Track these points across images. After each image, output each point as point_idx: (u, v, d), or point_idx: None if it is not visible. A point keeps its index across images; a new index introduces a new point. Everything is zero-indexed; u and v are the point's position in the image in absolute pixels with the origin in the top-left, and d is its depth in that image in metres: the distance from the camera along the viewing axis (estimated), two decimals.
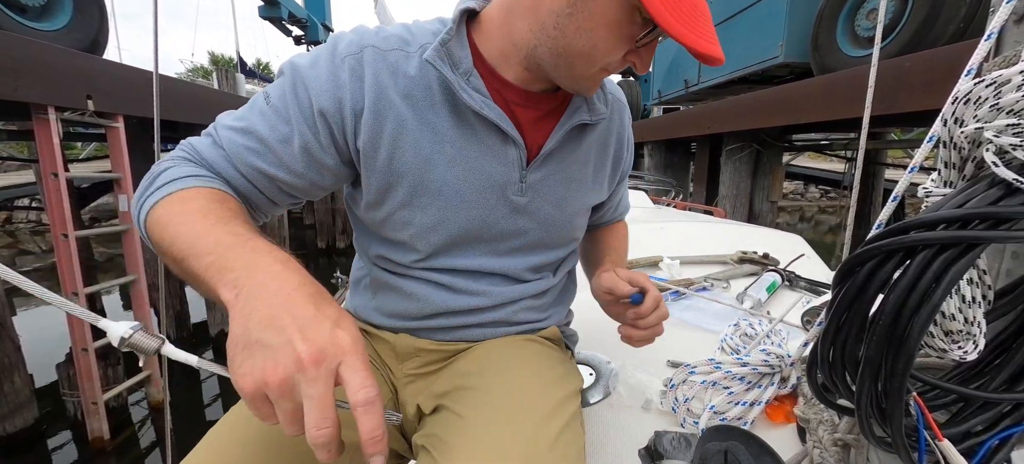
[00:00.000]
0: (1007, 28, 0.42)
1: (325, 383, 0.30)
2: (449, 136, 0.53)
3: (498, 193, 0.56)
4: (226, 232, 0.38)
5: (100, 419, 2.84)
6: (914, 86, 2.02)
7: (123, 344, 0.33)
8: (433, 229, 0.56)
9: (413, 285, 0.60)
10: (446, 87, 0.52)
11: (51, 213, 2.55)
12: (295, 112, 0.49)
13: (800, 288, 1.18)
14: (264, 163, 0.49)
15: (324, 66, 0.49)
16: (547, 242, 0.63)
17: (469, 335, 0.63)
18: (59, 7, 2.86)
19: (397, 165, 0.52)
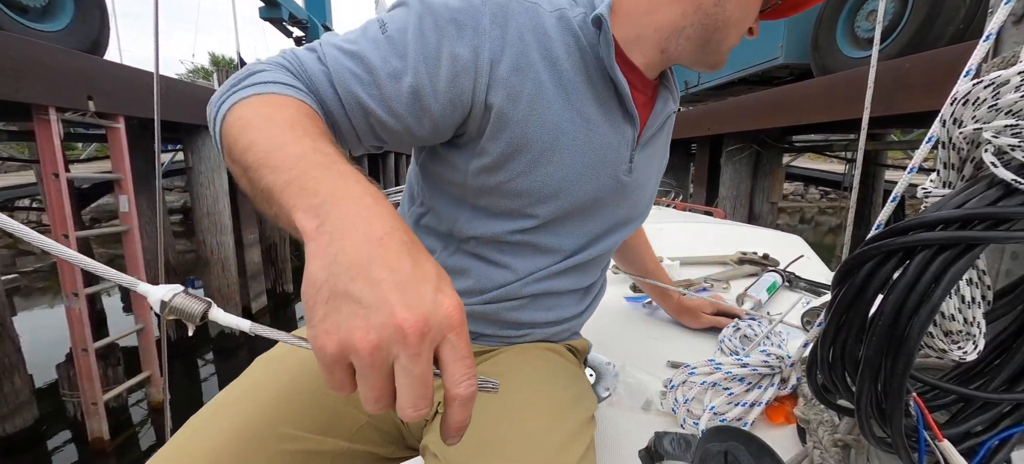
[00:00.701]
0: (1006, 29, 0.42)
1: (428, 360, 0.25)
2: (582, 106, 0.51)
3: (611, 169, 0.56)
4: (313, 149, 0.32)
5: (100, 419, 2.85)
6: (913, 87, 2.03)
7: (164, 309, 0.29)
8: (552, 197, 0.53)
9: (495, 254, 0.57)
10: (586, 55, 0.50)
11: (52, 214, 2.56)
12: (415, 50, 0.43)
13: (800, 289, 1.18)
14: (365, 94, 0.43)
15: (461, 7, 0.44)
16: (628, 220, 0.64)
17: (509, 315, 0.61)
18: (60, 8, 2.87)
19: (530, 129, 0.49)
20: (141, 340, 3.17)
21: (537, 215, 0.55)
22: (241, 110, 0.37)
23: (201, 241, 4.28)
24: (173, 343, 4.19)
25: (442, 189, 0.57)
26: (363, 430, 0.56)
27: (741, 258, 1.38)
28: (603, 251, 0.63)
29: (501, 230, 0.55)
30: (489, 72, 0.46)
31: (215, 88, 6.07)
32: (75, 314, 2.67)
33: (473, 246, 0.57)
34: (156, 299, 0.29)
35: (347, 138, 0.47)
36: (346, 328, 0.24)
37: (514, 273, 0.58)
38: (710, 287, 1.21)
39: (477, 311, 0.59)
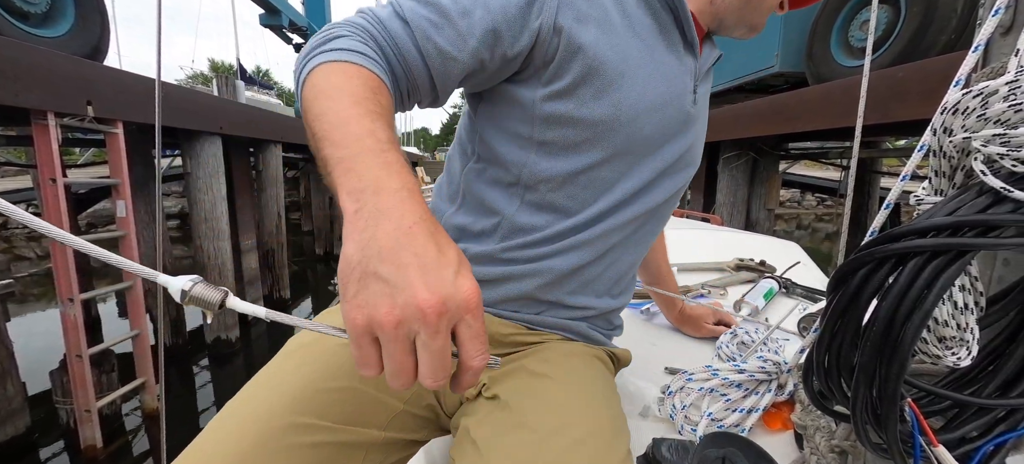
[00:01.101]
0: (994, 40, 0.43)
1: (446, 336, 0.28)
2: (645, 35, 0.53)
3: (678, 98, 0.57)
4: (368, 132, 0.35)
5: (93, 427, 2.81)
6: (907, 95, 2.05)
7: (185, 298, 0.31)
8: (623, 125, 0.52)
9: (565, 200, 0.55)
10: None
11: (48, 219, 2.55)
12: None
13: (796, 295, 1.18)
14: (442, 39, 0.45)
15: None
16: (689, 163, 0.64)
17: (554, 313, 0.61)
18: (61, 14, 2.88)
19: (599, 52, 0.49)
20: (136, 346, 3.14)
21: (607, 145, 0.53)
22: (317, 76, 0.39)
23: (198, 247, 4.27)
24: (168, 350, 4.16)
25: (506, 135, 0.55)
26: (398, 418, 0.54)
27: (738, 264, 1.39)
28: (666, 197, 0.61)
29: (571, 167, 0.54)
30: (556, 4, 0.47)
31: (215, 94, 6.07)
32: (70, 320, 2.65)
33: (543, 192, 0.55)
34: (177, 289, 0.31)
35: (423, 91, 0.48)
36: (373, 304, 0.27)
37: (584, 218, 0.56)
38: (707, 294, 1.22)
39: (544, 267, 0.57)
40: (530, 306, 0.60)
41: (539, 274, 0.57)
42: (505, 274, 0.58)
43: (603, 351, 0.65)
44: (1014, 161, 0.32)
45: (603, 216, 0.57)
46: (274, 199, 5.91)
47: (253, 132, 5.23)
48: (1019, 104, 0.32)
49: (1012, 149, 0.32)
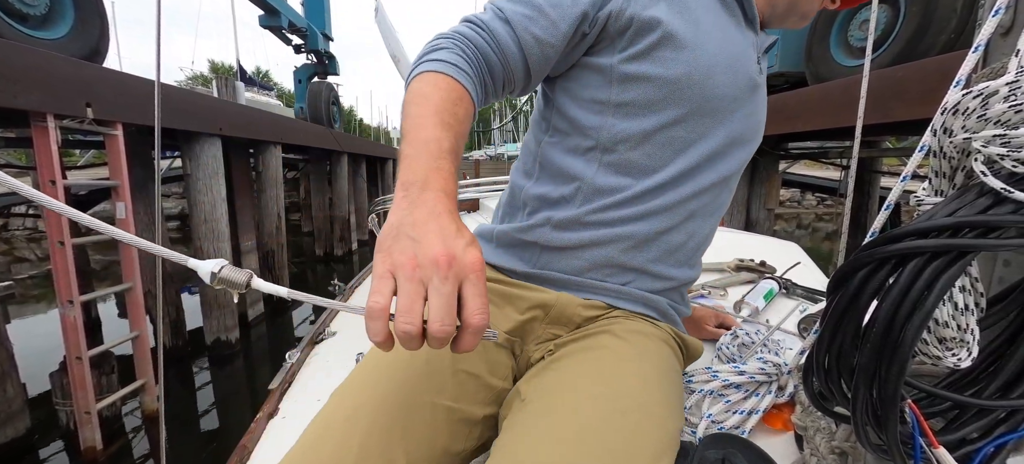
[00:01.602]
0: (994, 40, 0.43)
1: (453, 285, 0.33)
2: (713, 8, 0.58)
3: (746, 66, 0.60)
4: (434, 139, 0.42)
5: (93, 428, 2.81)
6: (907, 95, 2.05)
7: (214, 280, 0.34)
8: (697, 84, 0.56)
9: (643, 159, 0.58)
10: None
11: (48, 220, 2.55)
12: None
13: (797, 296, 1.18)
14: (538, 29, 0.52)
15: None
16: (754, 135, 0.66)
17: (638, 285, 0.62)
18: (60, 16, 2.88)
19: (673, 19, 0.54)
20: (136, 348, 3.14)
21: (683, 103, 0.56)
22: (416, 83, 0.47)
23: (198, 248, 4.27)
24: (168, 351, 4.16)
25: (584, 103, 0.59)
26: (496, 394, 0.58)
27: (738, 265, 1.38)
28: (737, 166, 0.65)
29: (648, 125, 0.57)
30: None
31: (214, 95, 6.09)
32: (70, 322, 2.65)
33: (621, 152, 0.58)
34: (206, 271, 0.34)
35: (517, 79, 0.55)
36: (399, 252, 0.34)
37: (663, 178, 0.59)
38: (708, 294, 1.22)
39: (627, 232, 0.59)
40: (616, 274, 0.61)
41: (622, 239, 0.59)
42: (589, 239, 0.60)
43: (674, 337, 0.64)
44: (1014, 162, 0.32)
45: (681, 178, 0.59)
46: (274, 200, 5.91)
47: (253, 133, 5.23)
48: (1019, 105, 0.32)
49: (1012, 150, 0.32)
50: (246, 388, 4.19)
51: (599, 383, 0.51)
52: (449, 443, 0.52)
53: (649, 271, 0.62)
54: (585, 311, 0.61)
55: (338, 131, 9.71)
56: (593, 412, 0.48)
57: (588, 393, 0.50)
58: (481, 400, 0.56)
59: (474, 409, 0.55)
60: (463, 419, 0.54)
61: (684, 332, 0.68)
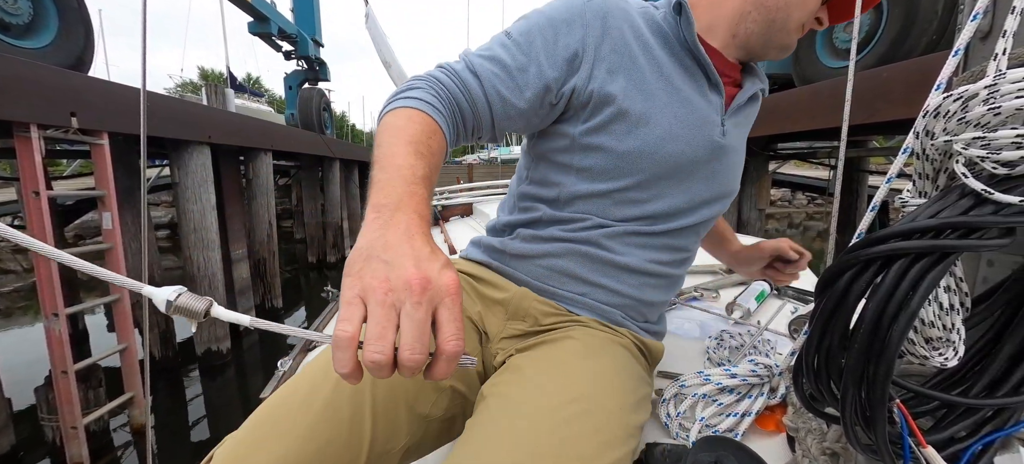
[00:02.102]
0: (973, 44, 0.44)
1: (427, 310, 0.32)
2: (672, 78, 0.61)
3: (705, 130, 0.63)
4: (408, 165, 0.43)
5: (80, 444, 2.75)
6: (892, 95, 2.08)
7: (170, 309, 0.32)
8: (651, 154, 0.61)
9: (594, 209, 0.64)
10: (671, 40, 0.63)
11: (32, 232, 2.50)
12: (536, 46, 0.57)
13: (788, 297, 1.19)
14: (503, 87, 0.57)
15: (568, 9, 0.58)
16: (722, 194, 0.69)
17: (592, 296, 0.65)
18: (43, 24, 2.84)
19: (628, 97, 0.59)
20: (124, 360, 3.08)
21: (635, 172, 0.61)
22: (389, 117, 0.49)
23: (188, 257, 4.21)
24: (157, 363, 4.09)
25: (552, 163, 0.66)
26: (448, 392, 0.61)
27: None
28: (701, 220, 0.68)
29: (603, 188, 0.62)
30: (594, 53, 0.58)
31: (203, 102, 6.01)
32: (55, 335, 2.60)
33: (578, 206, 0.64)
34: (161, 299, 0.32)
35: (485, 128, 0.59)
36: (370, 275, 0.33)
37: (611, 218, 0.64)
38: (700, 296, 1.22)
39: (581, 250, 0.64)
40: (571, 284, 0.66)
41: (577, 254, 0.64)
42: (547, 250, 0.66)
43: (633, 341, 0.67)
44: (994, 164, 0.32)
45: (638, 223, 0.64)
46: (265, 207, 5.85)
47: (243, 140, 5.18)
48: (998, 107, 0.32)
49: (992, 152, 0.32)
50: (237, 398, 4.12)
51: (552, 380, 0.54)
52: (413, 401, 0.56)
53: (604, 285, 0.65)
54: (542, 307, 0.65)
55: (330, 137, 9.65)
56: (546, 406, 0.50)
57: (542, 390, 0.53)
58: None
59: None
60: (428, 382, 0.56)
61: (645, 336, 0.70)
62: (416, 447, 0.57)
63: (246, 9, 8.04)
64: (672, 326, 1.03)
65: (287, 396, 0.54)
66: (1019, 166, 0.31)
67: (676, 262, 0.69)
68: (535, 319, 0.65)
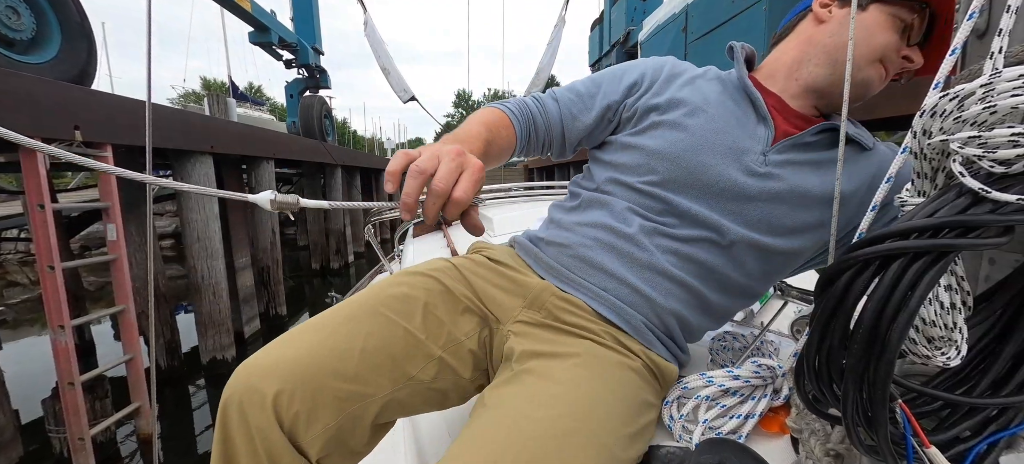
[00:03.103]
0: (970, 43, 0.44)
1: (457, 163, 0.48)
2: (719, 103, 0.69)
3: (737, 155, 0.66)
4: (476, 133, 0.64)
5: (87, 455, 2.76)
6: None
7: (274, 205, 0.43)
8: (677, 156, 0.66)
9: (624, 195, 0.70)
10: (726, 83, 0.72)
11: (37, 245, 2.52)
12: (606, 79, 0.76)
13: (791, 298, 1.18)
14: (575, 108, 0.76)
15: (638, 61, 0.78)
16: (761, 223, 0.65)
17: (616, 293, 0.65)
18: (47, 40, 2.87)
19: (670, 105, 0.70)
20: (130, 370, 3.10)
21: (663, 172, 0.67)
22: (478, 112, 0.73)
23: (192, 267, 4.23)
24: (163, 372, 4.11)
25: (597, 159, 0.78)
26: (453, 342, 0.64)
27: None
28: (737, 243, 0.64)
29: (634, 181, 0.69)
30: (651, 82, 0.74)
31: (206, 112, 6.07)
32: (61, 347, 2.62)
33: (613, 191, 0.71)
34: (265, 200, 0.43)
35: (556, 143, 0.78)
36: (427, 151, 0.49)
37: (642, 209, 0.68)
38: None
39: (602, 237, 0.68)
40: (597, 276, 0.66)
41: (607, 245, 0.67)
42: (581, 239, 0.69)
43: (644, 361, 0.63)
44: (991, 162, 0.32)
45: (655, 214, 0.69)
46: (268, 215, 5.88)
47: (245, 149, 5.22)
48: (994, 106, 0.32)
49: (989, 150, 0.32)
50: None
51: (550, 402, 0.52)
52: (402, 359, 0.60)
53: (630, 284, 0.64)
54: (562, 303, 0.65)
55: (331, 144, 9.70)
56: (534, 429, 0.49)
57: (537, 408, 0.51)
58: (441, 343, 0.63)
59: (432, 346, 0.62)
60: (420, 347, 0.61)
61: (662, 356, 0.65)
62: (401, 404, 0.60)
63: (247, 20, 8.10)
64: None
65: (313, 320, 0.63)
66: (1016, 164, 0.31)
67: (711, 282, 0.66)
68: (552, 314, 0.64)
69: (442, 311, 0.65)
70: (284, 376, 0.53)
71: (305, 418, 0.53)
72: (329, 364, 0.55)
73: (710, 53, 4.43)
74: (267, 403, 0.52)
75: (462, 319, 0.66)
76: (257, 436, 0.51)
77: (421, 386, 0.61)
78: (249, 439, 0.51)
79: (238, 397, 0.53)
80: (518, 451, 0.46)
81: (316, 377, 0.54)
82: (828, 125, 0.66)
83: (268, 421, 0.51)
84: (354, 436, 0.57)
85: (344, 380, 0.55)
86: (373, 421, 0.58)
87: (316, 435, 0.53)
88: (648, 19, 5.88)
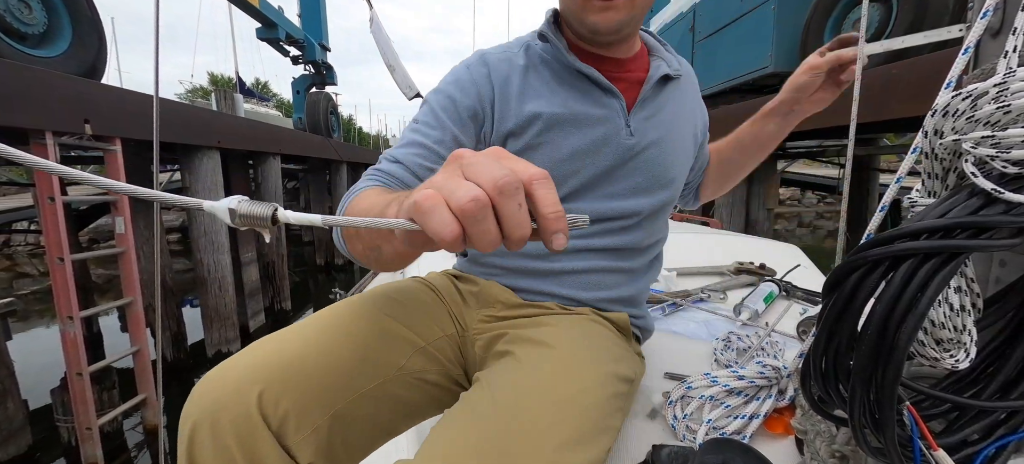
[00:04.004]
0: (983, 41, 0.43)
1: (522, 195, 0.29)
2: (565, 101, 0.66)
3: (612, 138, 0.66)
4: (403, 193, 0.44)
5: (94, 445, 2.79)
6: (902, 92, 2.05)
7: (235, 218, 0.29)
8: (568, 176, 0.66)
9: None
10: (551, 63, 0.67)
11: (47, 237, 2.55)
12: (442, 118, 0.64)
13: (797, 298, 1.18)
14: (427, 162, 0.62)
15: (456, 75, 0.67)
16: (653, 183, 0.70)
17: (548, 287, 0.70)
18: (58, 33, 2.89)
19: (528, 130, 0.65)
20: (137, 362, 3.13)
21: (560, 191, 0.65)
22: (350, 207, 0.54)
23: (199, 260, 4.27)
24: (169, 365, 4.15)
25: None
26: (439, 341, 0.66)
27: (738, 268, 1.38)
28: (637, 212, 0.70)
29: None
30: (491, 103, 0.66)
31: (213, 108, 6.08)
32: (70, 338, 2.65)
33: None
34: (223, 209, 0.29)
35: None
36: (476, 176, 0.28)
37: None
38: (707, 298, 1.21)
39: (525, 266, 0.70)
40: (527, 280, 0.71)
41: (525, 269, 0.71)
42: (492, 273, 0.74)
43: (591, 317, 0.70)
44: (1004, 163, 0.32)
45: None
46: None
47: (251, 144, 5.24)
48: (1008, 106, 0.32)
49: (1002, 151, 0.32)
50: None
51: (536, 362, 0.55)
52: (388, 349, 0.59)
53: (549, 292, 0.70)
54: (507, 296, 0.71)
55: (337, 140, 9.73)
56: (532, 387, 0.51)
57: (526, 371, 0.54)
58: (426, 336, 0.64)
59: (417, 338, 0.63)
60: (405, 338, 0.62)
61: (610, 309, 0.73)
62: (394, 399, 0.59)
63: (254, 16, 8.13)
64: (678, 327, 1.03)
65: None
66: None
67: (625, 255, 0.72)
68: (503, 303, 0.70)
69: (427, 308, 0.67)
70: (267, 376, 0.49)
71: (295, 419, 0.48)
72: (314, 358, 0.52)
73: (717, 52, 4.39)
74: (251, 407, 0.46)
75: (445, 320, 0.69)
76: (238, 450, 0.44)
77: (410, 377, 0.60)
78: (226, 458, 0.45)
79: (210, 413, 0.45)
80: (504, 419, 0.46)
81: (302, 371, 0.51)
82: (661, 71, 0.70)
83: (251, 427, 0.45)
84: (348, 438, 0.53)
85: (331, 374, 0.53)
86: (366, 420, 0.56)
87: (306, 437, 0.49)
88: (655, 18, 5.85)
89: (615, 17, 0.61)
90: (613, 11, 0.60)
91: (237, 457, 0.44)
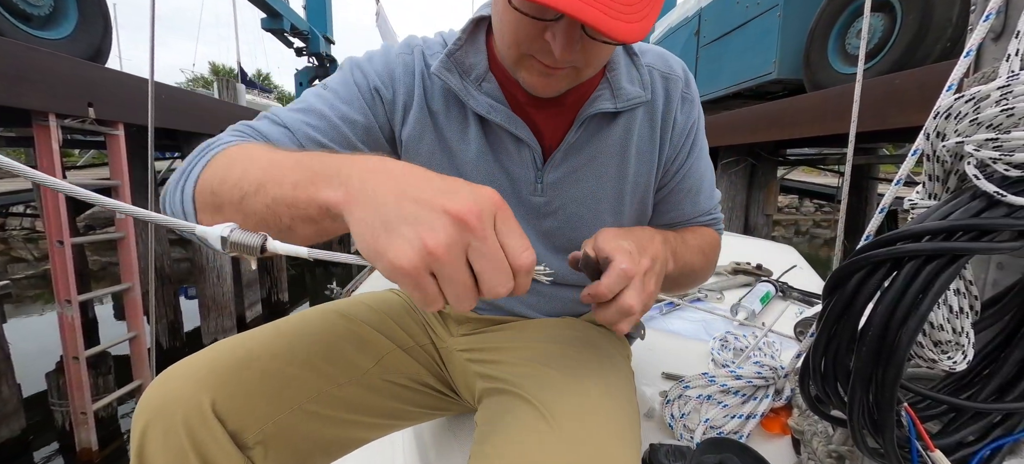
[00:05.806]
0: (985, 45, 0.44)
1: (494, 237, 0.28)
2: (466, 140, 0.55)
3: (518, 189, 0.57)
4: (307, 155, 0.36)
5: (89, 429, 2.79)
6: (904, 102, 2.06)
7: (226, 246, 0.31)
8: None
9: None
10: (455, 96, 0.54)
11: (47, 220, 2.54)
12: (353, 92, 0.52)
13: (793, 299, 1.18)
14: (322, 136, 0.50)
15: (380, 58, 0.55)
16: (572, 245, 0.59)
17: (519, 309, 0.66)
18: (63, 16, 2.88)
19: (431, 164, 0.55)
20: (133, 348, 3.12)
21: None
22: (214, 165, 0.40)
23: (196, 249, 4.26)
24: (165, 352, 4.14)
25: None
26: (415, 349, 0.64)
27: (735, 268, 1.39)
28: (556, 265, 0.57)
29: None
30: (403, 112, 0.55)
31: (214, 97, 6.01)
32: (67, 321, 2.64)
33: None
34: (216, 236, 0.31)
35: None
36: (415, 239, 0.26)
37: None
38: (704, 297, 1.22)
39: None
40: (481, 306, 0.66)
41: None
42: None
43: (576, 318, 0.66)
44: (1006, 165, 0.32)
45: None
46: None
47: None
48: (1011, 109, 0.32)
49: (1005, 153, 0.32)
50: None
51: (563, 399, 0.48)
52: (353, 351, 0.57)
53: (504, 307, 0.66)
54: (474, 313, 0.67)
55: None
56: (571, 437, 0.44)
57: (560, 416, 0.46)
58: (394, 338, 0.62)
59: (384, 341, 0.61)
60: (372, 340, 0.60)
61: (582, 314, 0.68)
62: (359, 404, 0.56)
63: (260, 5, 8.12)
64: (676, 327, 1.03)
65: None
66: None
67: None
68: (475, 322, 0.66)
69: (399, 317, 0.65)
70: (225, 376, 0.46)
71: (252, 418, 0.46)
72: (274, 359, 0.50)
73: (722, 58, 4.40)
74: (204, 406, 0.43)
75: (417, 330, 0.67)
76: (191, 450, 0.42)
77: (378, 379, 0.58)
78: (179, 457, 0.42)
79: (162, 413, 0.43)
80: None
81: (262, 371, 0.48)
82: (592, 112, 0.54)
83: (206, 426, 0.43)
84: (309, 438, 0.50)
85: (292, 375, 0.50)
86: (328, 421, 0.52)
87: (264, 436, 0.46)
88: (660, 22, 5.85)
89: (555, 86, 0.49)
90: (553, 79, 0.48)
91: (191, 457, 0.42)
